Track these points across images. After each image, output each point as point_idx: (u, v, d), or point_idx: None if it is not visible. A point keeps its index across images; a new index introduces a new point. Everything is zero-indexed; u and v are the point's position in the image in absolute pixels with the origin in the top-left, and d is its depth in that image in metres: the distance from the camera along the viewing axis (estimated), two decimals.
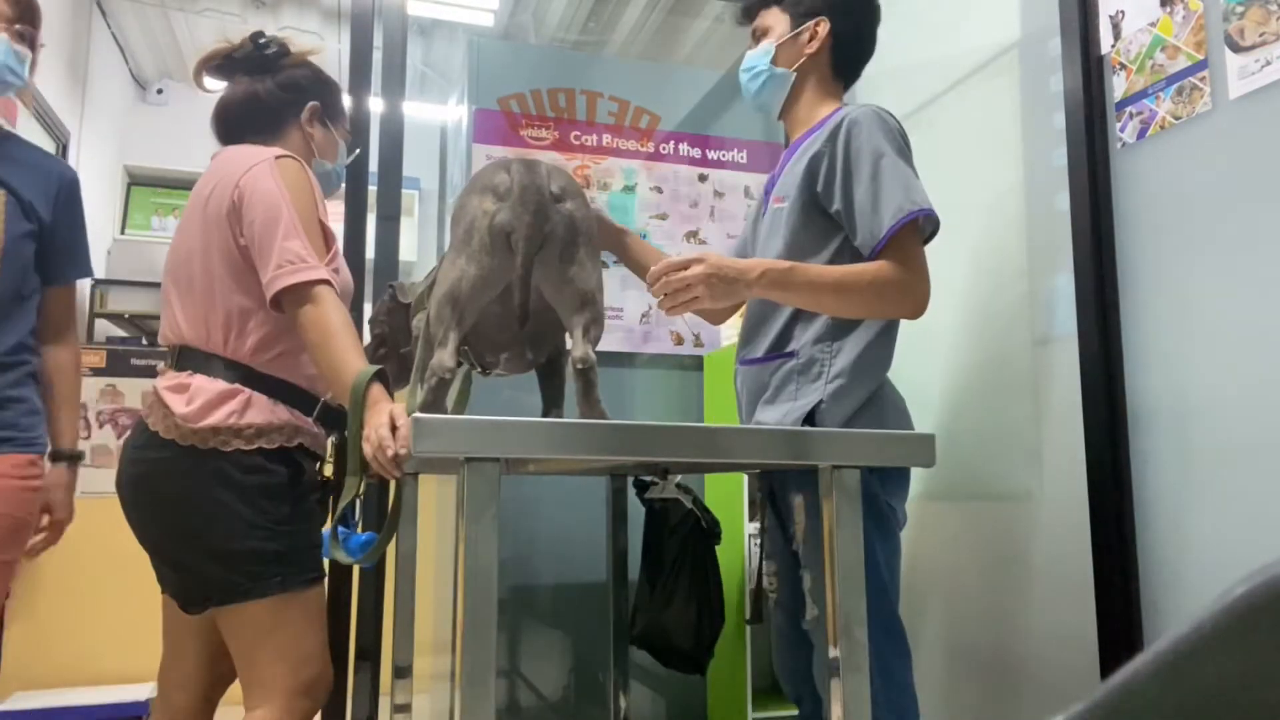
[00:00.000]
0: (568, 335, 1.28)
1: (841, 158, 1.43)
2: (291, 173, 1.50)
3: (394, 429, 1.22)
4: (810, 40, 1.57)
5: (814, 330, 1.44)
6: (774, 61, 1.58)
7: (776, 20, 1.60)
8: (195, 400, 1.44)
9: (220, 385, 1.46)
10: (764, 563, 1.56)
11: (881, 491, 1.40)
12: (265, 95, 1.62)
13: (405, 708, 1.78)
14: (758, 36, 1.62)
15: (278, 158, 1.51)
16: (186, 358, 1.50)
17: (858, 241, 1.42)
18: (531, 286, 1.23)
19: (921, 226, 1.43)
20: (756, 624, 1.58)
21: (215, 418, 1.43)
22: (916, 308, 1.41)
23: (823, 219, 1.47)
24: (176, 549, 1.48)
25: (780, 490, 1.50)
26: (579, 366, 1.20)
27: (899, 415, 1.46)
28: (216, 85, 1.65)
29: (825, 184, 1.45)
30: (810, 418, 1.40)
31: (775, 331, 1.48)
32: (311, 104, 1.65)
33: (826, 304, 1.40)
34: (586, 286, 1.25)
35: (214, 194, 1.51)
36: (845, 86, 1.65)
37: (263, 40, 1.64)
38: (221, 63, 1.64)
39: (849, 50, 1.61)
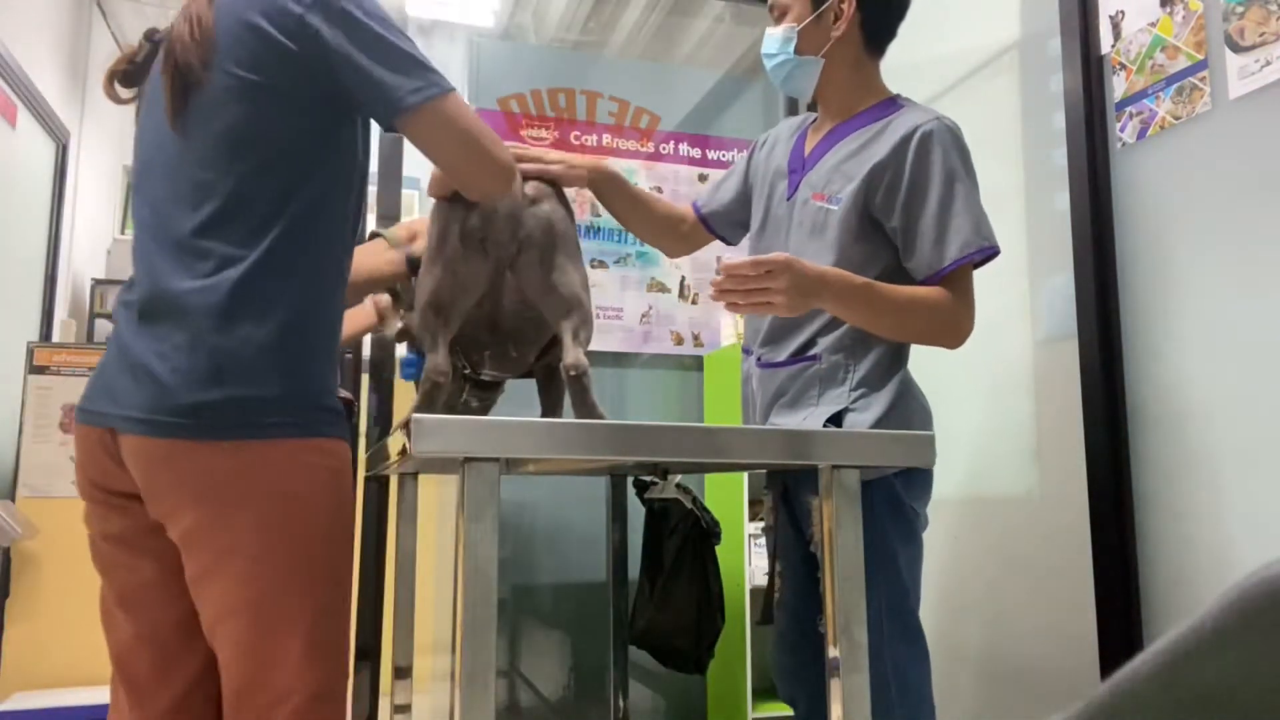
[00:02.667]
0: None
1: (909, 174, 1.34)
2: None
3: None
4: (836, 21, 1.41)
5: (836, 337, 1.39)
6: (797, 48, 1.42)
7: None
8: None
9: None
10: (775, 564, 1.54)
11: (905, 495, 1.36)
12: None
13: (405, 708, 1.77)
14: (776, 14, 1.45)
15: None
16: None
17: (911, 264, 1.36)
18: (505, 290, 1.24)
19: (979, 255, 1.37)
20: (767, 624, 1.54)
21: None
22: (959, 340, 1.37)
23: (876, 234, 1.39)
24: None
25: (795, 491, 1.47)
26: (571, 373, 1.20)
27: (924, 418, 1.41)
28: (130, 94, 1.61)
29: (886, 197, 1.36)
30: (833, 424, 1.37)
31: (803, 338, 1.42)
32: None
33: (883, 325, 1.35)
34: (571, 290, 1.24)
35: None
36: (879, 58, 1.49)
37: (159, 37, 1.62)
38: (127, 68, 1.58)
39: (880, 22, 1.45)
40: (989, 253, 1.35)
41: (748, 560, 2.44)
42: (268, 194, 1.06)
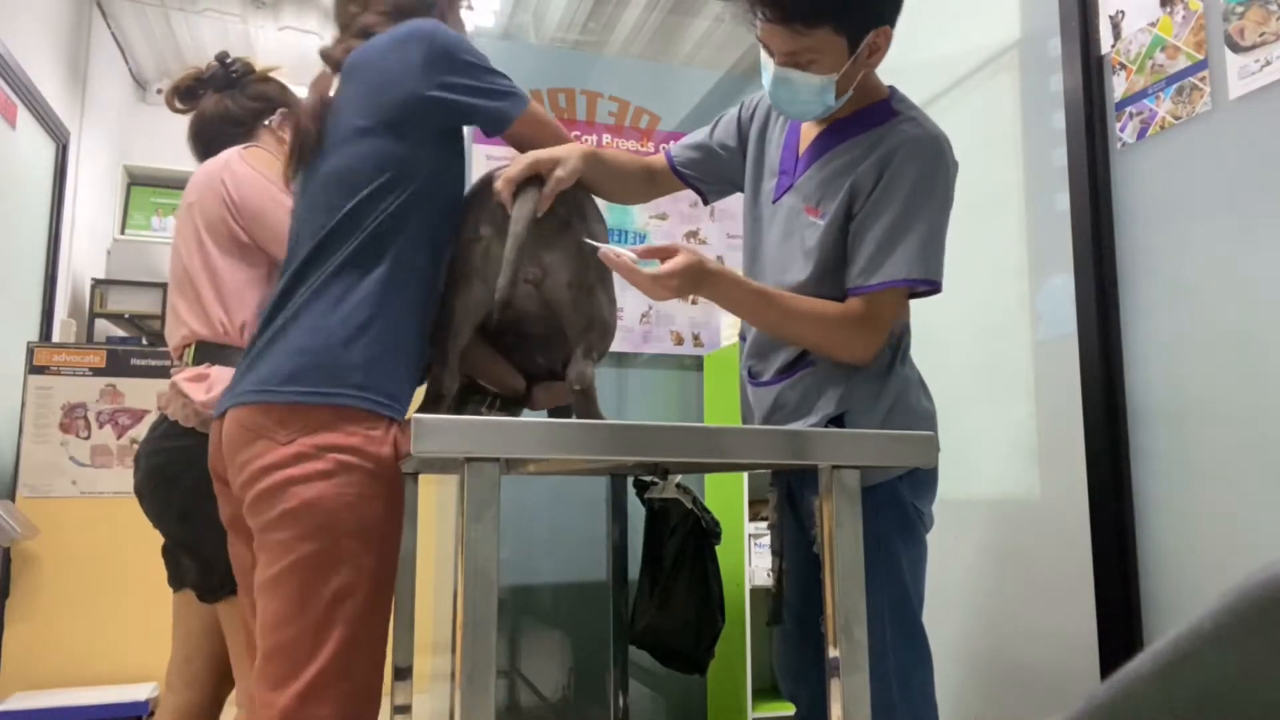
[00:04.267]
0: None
1: (882, 186, 1.30)
2: (260, 156, 1.62)
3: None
4: (871, 55, 1.32)
5: None
6: (835, 94, 1.32)
7: (829, 45, 1.27)
8: (215, 388, 1.49)
9: None
10: (780, 562, 1.53)
11: (909, 496, 1.35)
12: (236, 107, 1.73)
13: (405, 708, 1.77)
14: (801, 63, 1.29)
15: (245, 148, 1.63)
16: (204, 352, 1.56)
17: (848, 271, 1.34)
18: (525, 303, 1.23)
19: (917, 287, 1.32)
20: (777, 625, 1.53)
21: None
22: (862, 358, 1.33)
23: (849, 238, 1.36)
24: (196, 535, 1.51)
25: (800, 491, 1.46)
26: (576, 387, 1.20)
27: (925, 419, 1.39)
28: (188, 106, 1.77)
29: (859, 205, 1.33)
30: (833, 426, 1.35)
31: (789, 354, 1.40)
32: (282, 110, 1.76)
33: (771, 330, 1.36)
34: (595, 313, 1.24)
35: (200, 200, 1.60)
36: None
37: (229, 60, 1.76)
38: (192, 85, 1.76)
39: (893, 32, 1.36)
40: (916, 285, 1.29)
41: (748, 560, 2.44)
42: (360, 218, 1.19)
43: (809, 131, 1.45)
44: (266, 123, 1.74)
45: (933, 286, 1.31)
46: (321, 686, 1.07)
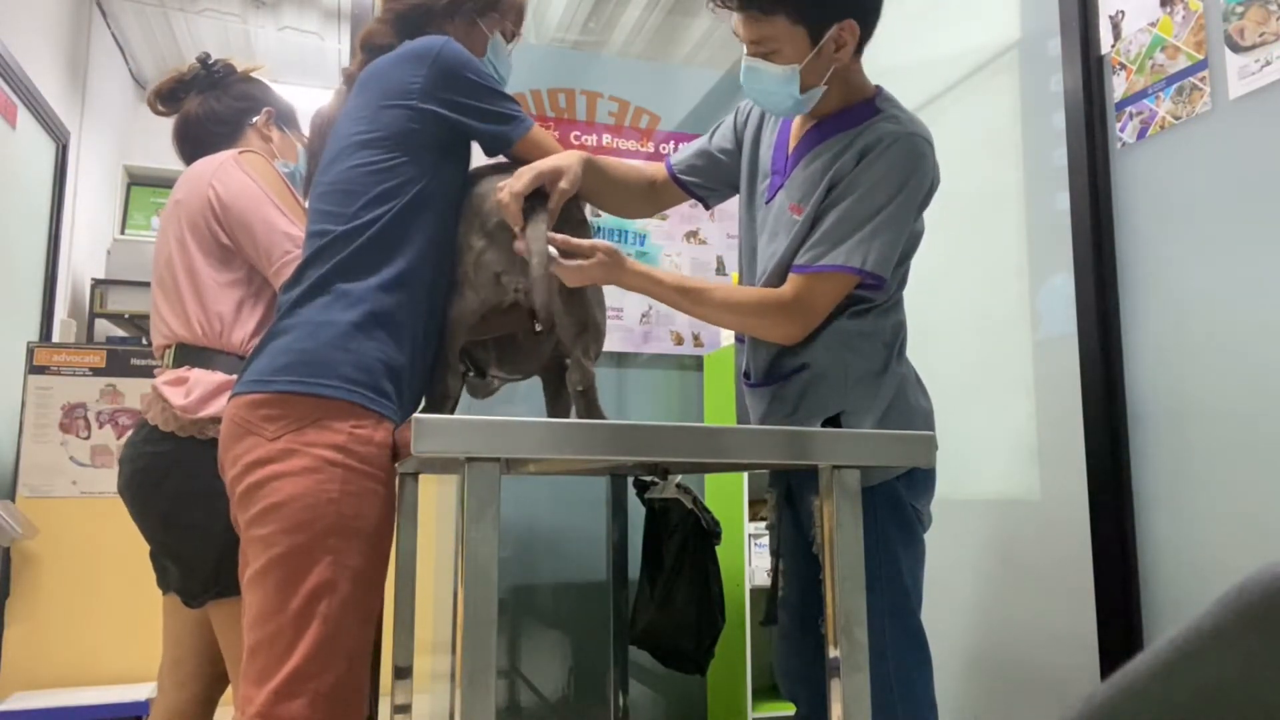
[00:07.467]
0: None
1: (850, 178, 1.31)
2: (256, 163, 1.61)
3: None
4: (839, 50, 1.32)
5: (823, 342, 1.36)
6: (802, 88, 1.33)
7: (787, 35, 1.29)
8: (193, 392, 1.48)
9: (218, 377, 1.50)
10: (779, 562, 1.53)
11: (908, 495, 1.35)
12: (220, 108, 1.74)
13: (405, 708, 1.77)
14: (762, 50, 1.32)
15: (240, 152, 1.62)
16: (183, 354, 1.54)
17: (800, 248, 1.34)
18: (518, 308, 1.25)
19: (862, 279, 1.31)
20: (771, 625, 1.53)
21: (213, 408, 1.46)
22: (790, 339, 1.34)
23: None
24: (178, 540, 1.50)
25: (799, 491, 1.46)
26: (578, 389, 1.21)
27: (924, 418, 1.39)
28: (169, 109, 1.77)
29: (830, 195, 1.34)
30: (831, 426, 1.35)
31: (781, 354, 1.40)
32: (266, 109, 1.77)
33: (699, 318, 1.37)
34: (585, 315, 1.26)
35: (186, 199, 1.59)
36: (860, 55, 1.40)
37: (211, 61, 1.78)
38: (174, 87, 1.76)
39: (872, 28, 1.37)
40: (860, 276, 1.29)
41: (748, 560, 2.44)
42: (359, 223, 1.22)
43: (798, 130, 1.45)
44: (251, 121, 1.75)
45: (877, 282, 1.31)
46: (297, 683, 1.07)
